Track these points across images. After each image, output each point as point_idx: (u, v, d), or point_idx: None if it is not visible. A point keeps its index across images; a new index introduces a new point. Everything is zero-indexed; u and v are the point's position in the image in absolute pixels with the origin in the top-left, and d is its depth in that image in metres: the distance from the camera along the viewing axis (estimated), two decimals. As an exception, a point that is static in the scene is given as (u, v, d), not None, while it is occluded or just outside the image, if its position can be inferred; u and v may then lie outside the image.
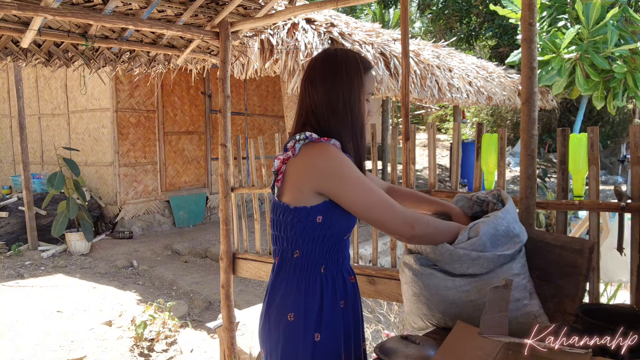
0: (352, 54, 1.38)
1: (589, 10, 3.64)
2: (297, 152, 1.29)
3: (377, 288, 2.44)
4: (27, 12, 2.14)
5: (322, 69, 1.35)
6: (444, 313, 1.38)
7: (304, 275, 1.36)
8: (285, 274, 1.38)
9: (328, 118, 1.33)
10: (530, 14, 1.81)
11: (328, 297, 1.36)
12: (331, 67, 1.34)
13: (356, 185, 1.26)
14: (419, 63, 6.50)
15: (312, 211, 1.31)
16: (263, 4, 2.75)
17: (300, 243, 1.35)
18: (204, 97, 7.92)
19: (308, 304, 1.34)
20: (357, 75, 1.34)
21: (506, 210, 1.36)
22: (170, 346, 3.72)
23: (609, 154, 12.85)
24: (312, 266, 1.36)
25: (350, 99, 1.33)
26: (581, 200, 2.02)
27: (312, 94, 1.35)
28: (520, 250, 1.39)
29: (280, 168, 1.33)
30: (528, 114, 1.82)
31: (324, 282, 1.36)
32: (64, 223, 5.85)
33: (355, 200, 1.27)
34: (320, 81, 1.34)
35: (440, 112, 16.42)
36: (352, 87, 1.33)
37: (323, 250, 1.36)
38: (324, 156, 1.27)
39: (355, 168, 1.29)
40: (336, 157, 1.27)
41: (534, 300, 1.37)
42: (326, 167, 1.26)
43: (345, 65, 1.34)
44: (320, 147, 1.28)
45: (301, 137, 1.30)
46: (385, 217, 1.27)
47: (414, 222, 1.28)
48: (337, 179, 1.26)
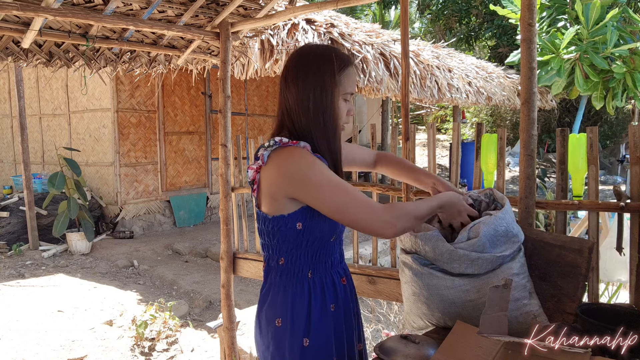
0: (327, 51, 1.31)
1: (589, 11, 3.64)
2: (266, 160, 1.25)
3: (377, 288, 2.45)
4: (28, 12, 2.14)
5: (295, 68, 1.29)
6: (443, 312, 1.39)
7: (290, 281, 1.33)
8: (273, 280, 1.36)
9: (300, 119, 1.28)
10: (529, 15, 1.81)
11: (316, 301, 1.33)
12: (304, 65, 1.28)
13: (327, 188, 1.20)
14: (419, 63, 6.51)
15: (290, 219, 1.27)
16: (263, 4, 2.76)
17: (284, 250, 1.32)
18: (204, 97, 7.93)
19: (295, 310, 1.31)
20: (330, 74, 1.27)
21: (505, 211, 1.37)
22: (171, 346, 3.72)
23: (608, 154, 12.85)
24: (299, 272, 1.33)
25: (322, 99, 1.27)
26: (580, 200, 2.03)
27: (287, 93, 1.30)
28: (519, 250, 1.39)
29: (254, 178, 1.30)
30: (527, 114, 1.83)
31: (312, 286, 1.33)
32: (65, 223, 5.85)
33: (328, 204, 1.20)
34: (292, 80, 1.28)
35: (440, 112, 16.42)
36: (324, 87, 1.26)
37: (308, 255, 1.33)
38: (292, 161, 1.22)
39: (326, 170, 1.23)
40: (304, 161, 1.21)
41: (534, 300, 1.37)
42: (295, 172, 1.21)
43: (318, 63, 1.27)
44: (287, 152, 1.23)
45: (270, 144, 1.26)
46: (362, 218, 1.20)
47: (395, 220, 1.21)
48: (307, 184, 1.20)
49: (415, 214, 1.25)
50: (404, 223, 1.23)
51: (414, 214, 1.25)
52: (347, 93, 1.31)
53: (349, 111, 1.33)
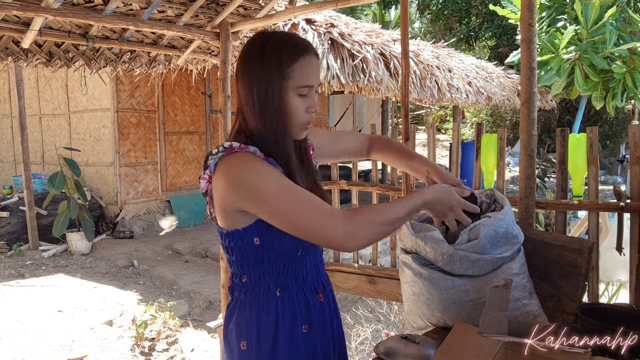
0: (278, 38, 1.12)
1: (588, 11, 3.64)
2: (213, 170, 1.10)
3: (377, 287, 2.45)
4: (28, 12, 2.15)
5: (242, 59, 1.14)
6: (443, 312, 1.39)
7: (255, 300, 1.18)
8: (238, 298, 1.21)
9: (250, 119, 1.13)
10: (529, 15, 1.81)
11: (285, 322, 1.17)
12: (249, 56, 1.12)
13: (276, 197, 1.04)
14: (419, 63, 6.51)
15: (246, 234, 1.12)
16: (263, 4, 2.76)
17: (245, 268, 1.18)
18: (204, 97, 7.93)
19: (261, 332, 1.16)
20: (276, 64, 1.09)
21: (505, 212, 1.37)
22: (171, 346, 3.72)
23: (608, 154, 12.85)
24: (264, 290, 1.17)
25: (267, 94, 1.09)
26: (580, 200, 2.03)
27: (237, 90, 1.16)
28: (519, 250, 1.39)
29: (207, 189, 1.14)
30: (527, 114, 1.83)
31: (280, 306, 1.17)
32: (65, 223, 5.85)
33: (279, 215, 1.04)
34: (239, 74, 1.14)
35: (440, 112, 16.42)
36: (269, 80, 1.09)
37: (273, 272, 1.17)
38: (238, 169, 1.07)
39: (276, 177, 1.06)
40: (251, 168, 1.06)
41: (534, 300, 1.37)
42: (241, 181, 1.06)
43: (263, 53, 1.10)
44: (234, 159, 1.08)
45: (217, 151, 1.11)
46: (318, 229, 1.02)
47: (358, 229, 1.01)
48: (254, 194, 1.05)
49: (388, 219, 1.05)
50: (371, 233, 1.03)
51: (385, 219, 1.05)
52: (302, 86, 1.12)
53: (308, 108, 1.14)
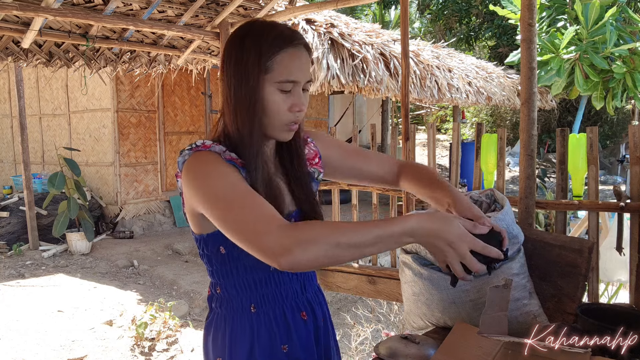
0: (259, 28, 1.01)
1: (588, 11, 3.64)
2: (181, 168, 1.01)
3: (377, 288, 2.45)
4: (28, 12, 2.15)
5: (226, 48, 1.03)
6: (443, 312, 1.39)
7: (229, 315, 1.08)
8: (215, 309, 1.12)
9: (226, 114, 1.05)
10: (529, 15, 1.81)
11: (261, 342, 1.05)
12: (229, 47, 1.02)
13: (222, 201, 0.90)
14: (419, 63, 6.51)
15: (210, 240, 1.03)
16: (263, 4, 2.76)
17: (217, 278, 1.08)
18: (204, 97, 7.93)
19: (234, 349, 1.06)
20: (255, 56, 0.97)
21: (505, 212, 1.37)
22: (171, 346, 3.72)
23: (608, 154, 12.85)
24: (238, 304, 1.07)
25: (241, 89, 0.99)
26: (580, 200, 2.03)
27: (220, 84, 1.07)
28: (519, 250, 1.39)
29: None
30: (527, 114, 1.83)
31: (256, 323, 1.06)
32: (65, 223, 5.85)
33: (222, 221, 0.90)
34: (220, 68, 1.06)
35: (440, 112, 16.43)
36: (246, 73, 0.98)
37: (246, 287, 1.06)
38: (195, 170, 0.97)
39: (226, 178, 0.93)
40: (204, 169, 0.96)
41: (534, 300, 1.37)
42: (192, 182, 0.96)
43: (243, 44, 0.99)
44: (195, 159, 0.99)
45: (187, 149, 1.03)
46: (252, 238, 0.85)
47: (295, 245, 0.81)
48: (201, 195, 0.94)
49: (346, 241, 0.82)
50: (314, 253, 0.81)
51: (342, 241, 0.82)
52: (284, 81, 0.99)
53: (292, 106, 1.00)
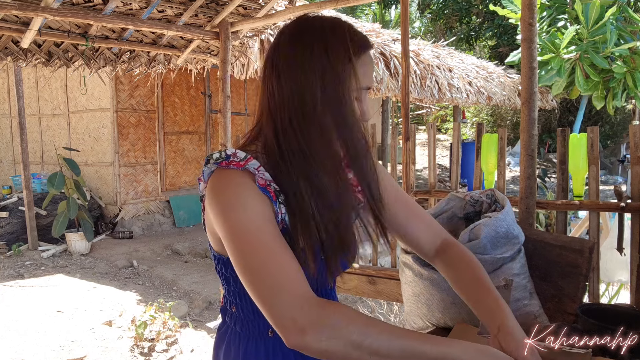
0: (338, 25, 0.88)
1: (589, 10, 3.64)
2: (207, 179, 0.89)
3: (377, 288, 2.44)
4: (28, 12, 2.14)
5: (290, 46, 0.87)
6: (444, 313, 1.38)
7: (244, 336, 0.99)
8: (229, 325, 1.04)
9: (291, 124, 0.85)
10: (530, 14, 1.81)
11: None
12: (303, 44, 0.86)
13: (237, 241, 0.82)
14: (419, 63, 6.51)
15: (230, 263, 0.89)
16: (263, 4, 2.75)
17: (233, 298, 0.99)
18: (204, 97, 7.93)
19: None
20: (344, 58, 0.85)
21: (506, 212, 1.36)
22: (171, 346, 3.72)
23: (609, 154, 12.85)
24: (254, 328, 0.98)
25: (335, 91, 0.84)
26: (581, 200, 2.02)
27: (273, 84, 0.88)
28: (519, 250, 1.39)
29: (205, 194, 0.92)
30: (528, 114, 1.83)
31: (272, 348, 0.97)
32: (64, 223, 5.85)
33: (235, 262, 0.83)
34: (285, 64, 0.86)
35: (440, 112, 16.42)
36: (335, 77, 0.84)
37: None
38: (218, 189, 0.85)
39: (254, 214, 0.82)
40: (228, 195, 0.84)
41: (534, 300, 1.37)
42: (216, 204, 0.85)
43: (325, 43, 0.85)
44: (222, 178, 0.86)
45: (217, 157, 0.88)
46: (264, 298, 0.79)
47: (309, 326, 0.75)
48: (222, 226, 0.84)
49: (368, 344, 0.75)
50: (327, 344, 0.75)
51: (365, 343, 0.74)
52: (364, 88, 0.89)
53: (363, 114, 0.91)
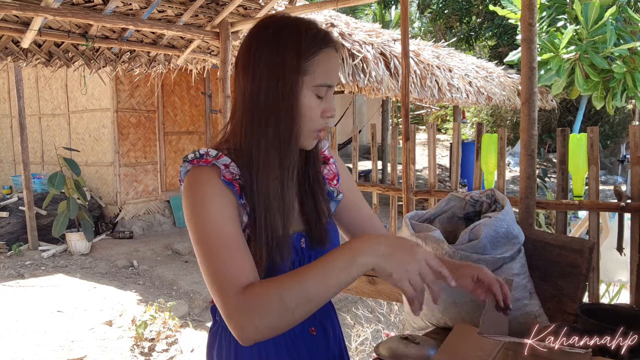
0: (295, 23, 0.92)
1: (588, 10, 3.64)
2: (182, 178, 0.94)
3: (377, 288, 2.44)
4: (28, 12, 2.14)
5: (246, 47, 0.93)
6: (444, 313, 1.38)
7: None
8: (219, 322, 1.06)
9: (244, 119, 0.92)
10: (530, 14, 1.81)
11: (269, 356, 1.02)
12: (258, 43, 0.91)
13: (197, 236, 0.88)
14: (419, 63, 6.51)
15: None
16: (263, 4, 2.76)
17: None
18: (204, 97, 7.93)
19: None
20: (293, 55, 0.89)
21: (506, 212, 1.36)
22: (171, 346, 3.72)
23: (609, 154, 12.85)
24: None
25: (277, 90, 0.89)
26: (581, 200, 2.03)
27: (236, 83, 0.95)
28: (519, 250, 1.39)
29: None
30: (528, 114, 1.83)
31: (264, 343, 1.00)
32: (65, 223, 5.85)
33: (196, 255, 0.88)
34: (242, 64, 0.93)
35: (440, 112, 16.43)
36: (282, 73, 0.88)
37: None
38: (188, 188, 0.91)
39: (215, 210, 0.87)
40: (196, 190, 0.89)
41: (534, 300, 1.37)
42: (184, 203, 0.91)
43: (278, 40, 0.89)
44: (190, 175, 0.91)
45: (191, 157, 0.93)
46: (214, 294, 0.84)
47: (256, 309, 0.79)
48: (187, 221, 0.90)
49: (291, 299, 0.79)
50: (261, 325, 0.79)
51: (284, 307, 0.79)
52: (321, 85, 0.91)
53: (324, 111, 0.93)
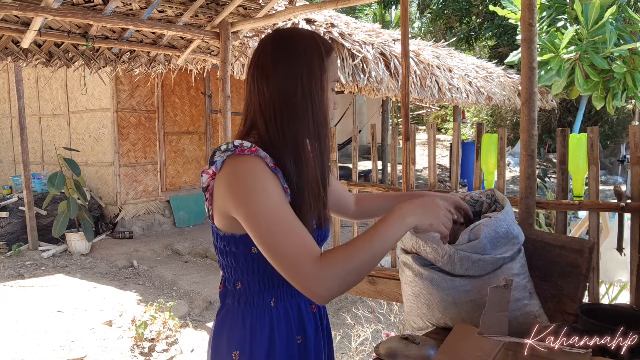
0: (309, 33, 1.13)
1: (588, 11, 3.64)
2: (219, 167, 1.04)
3: (377, 288, 2.44)
4: (28, 12, 2.14)
5: (274, 53, 1.07)
6: (444, 313, 1.38)
7: (248, 309, 1.14)
8: (230, 305, 1.17)
9: (282, 117, 1.05)
10: (530, 15, 1.81)
11: (281, 334, 1.13)
12: (286, 49, 1.07)
13: (264, 219, 0.97)
14: (419, 63, 6.51)
15: (242, 240, 1.07)
16: (263, 4, 2.75)
17: (239, 275, 1.13)
18: (204, 97, 7.92)
19: (255, 342, 1.12)
20: (318, 58, 1.07)
21: (506, 212, 1.36)
22: (171, 346, 3.72)
23: (609, 154, 12.85)
24: (259, 300, 1.13)
25: (311, 88, 1.06)
26: (581, 200, 2.03)
27: (262, 85, 1.07)
28: (519, 250, 1.39)
29: (209, 184, 1.08)
30: (528, 114, 1.83)
31: (275, 317, 1.13)
32: (65, 223, 5.85)
33: (260, 238, 0.98)
34: (272, 68, 1.06)
35: (440, 112, 16.42)
36: (312, 74, 1.06)
37: (269, 284, 1.13)
38: (240, 176, 1.00)
39: (274, 194, 0.99)
40: (252, 178, 0.99)
41: (534, 300, 1.37)
42: (238, 189, 1.00)
43: (304, 47, 1.07)
44: (240, 163, 1.01)
45: (225, 148, 1.04)
46: (289, 268, 0.96)
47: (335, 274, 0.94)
48: (245, 206, 0.99)
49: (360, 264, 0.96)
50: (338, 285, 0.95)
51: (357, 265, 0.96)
52: (334, 80, 1.14)
53: (334, 103, 1.17)
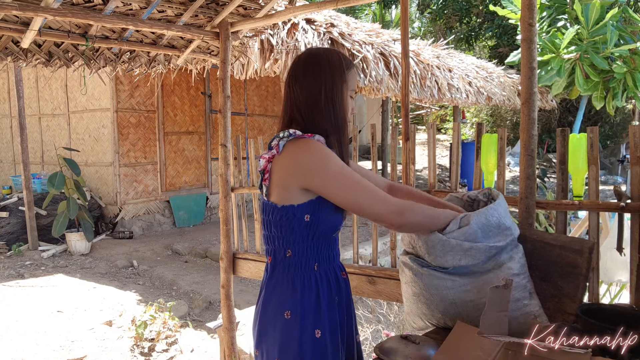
0: (334, 52, 1.44)
1: (589, 11, 3.64)
2: (281, 150, 1.32)
3: (377, 288, 2.44)
4: (28, 12, 2.14)
5: (305, 65, 1.39)
6: (444, 313, 1.38)
7: (298, 274, 1.37)
8: (280, 273, 1.39)
9: (312, 113, 1.36)
10: (530, 15, 1.81)
11: (324, 293, 1.38)
12: (314, 63, 1.39)
13: (341, 178, 1.28)
14: (419, 63, 6.50)
15: (299, 209, 1.33)
16: (263, 4, 2.75)
17: (291, 242, 1.37)
18: (204, 97, 7.92)
19: (305, 302, 1.35)
20: (339, 71, 1.38)
21: (497, 203, 1.37)
22: (171, 346, 3.72)
23: (609, 154, 12.84)
24: (306, 264, 1.38)
25: (332, 93, 1.36)
26: (581, 201, 2.02)
27: (296, 90, 1.38)
28: (512, 243, 1.39)
29: (266, 167, 1.36)
30: (528, 114, 1.83)
31: (319, 279, 1.38)
32: (65, 223, 5.85)
33: (341, 193, 1.29)
34: (303, 77, 1.38)
35: (440, 112, 16.41)
36: (334, 82, 1.37)
37: (314, 248, 1.38)
38: (307, 152, 1.29)
39: (339, 161, 1.31)
40: (319, 152, 1.29)
41: (534, 300, 1.37)
42: (309, 162, 1.29)
43: (328, 62, 1.38)
44: (303, 143, 1.30)
45: (285, 135, 1.32)
46: (372, 206, 1.28)
47: (403, 210, 1.29)
48: (321, 174, 1.28)
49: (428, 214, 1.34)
50: (412, 215, 1.30)
51: (424, 212, 1.34)
52: (353, 90, 1.42)
53: (352, 108, 1.44)
